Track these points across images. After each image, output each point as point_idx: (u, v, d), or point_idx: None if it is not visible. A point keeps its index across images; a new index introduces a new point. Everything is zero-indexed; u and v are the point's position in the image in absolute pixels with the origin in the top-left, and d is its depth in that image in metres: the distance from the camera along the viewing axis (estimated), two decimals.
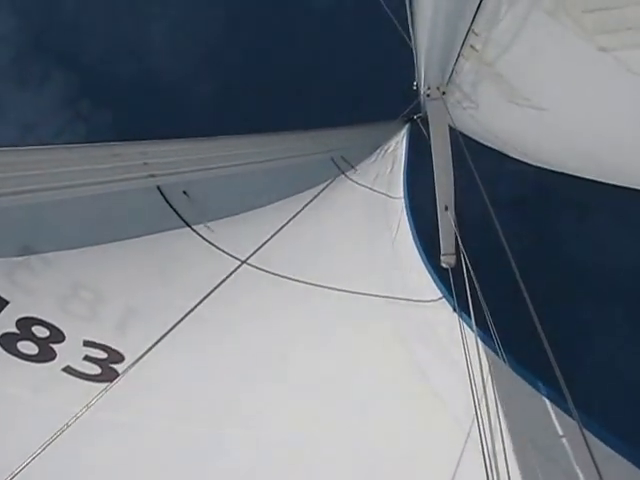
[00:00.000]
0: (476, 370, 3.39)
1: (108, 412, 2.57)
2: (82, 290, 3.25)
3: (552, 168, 4.88)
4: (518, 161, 5.58)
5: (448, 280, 5.23)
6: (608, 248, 10.88)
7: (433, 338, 4.67)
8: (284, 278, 4.61)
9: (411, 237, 6.83)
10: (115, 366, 2.92)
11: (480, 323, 3.88)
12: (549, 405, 3.62)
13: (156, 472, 2.74)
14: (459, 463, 3.06)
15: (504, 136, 5.24)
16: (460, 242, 4.96)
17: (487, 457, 2.42)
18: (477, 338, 3.66)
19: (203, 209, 4.54)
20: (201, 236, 4.36)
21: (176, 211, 4.27)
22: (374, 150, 8.52)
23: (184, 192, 4.45)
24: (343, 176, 7.19)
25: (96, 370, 2.87)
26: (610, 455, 3.06)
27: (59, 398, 2.64)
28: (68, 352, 2.85)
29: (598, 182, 3.99)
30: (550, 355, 2.27)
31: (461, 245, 4.84)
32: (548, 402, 3.65)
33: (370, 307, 4.88)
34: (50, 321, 2.89)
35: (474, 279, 3.95)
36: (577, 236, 11.26)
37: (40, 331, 2.82)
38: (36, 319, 2.85)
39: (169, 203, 4.25)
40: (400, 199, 8.05)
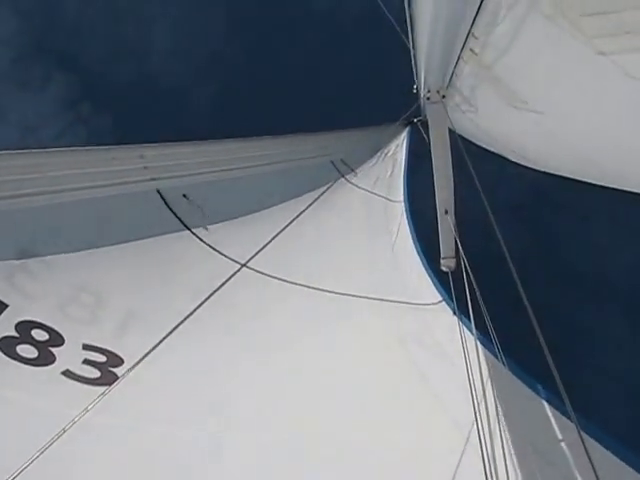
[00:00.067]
0: (476, 373, 3.39)
1: (107, 415, 2.56)
2: (82, 293, 3.25)
3: (551, 171, 4.88)
4: (518, 164, 5.58)
5: (448, 283, 5.23)
6: (608, 252, 10.88)
7: (433, 341, 4.67)
8: (283, 281, 4.61)
9: (411, 240, 6.83)
10: (114, 369, 2.92)
11: (480, 326, 3.89)
12: (548, 408, 3.62)
13: (156, 474, 2.74)
14: (458, 466, 3.06)
15: (503, 139, 5.24)
16: (460, 245, 4.95)
17: (486, 460, 2.42)
18: (477, 341, 3.66)
19: (203, 212, 4.54)
20: (201, 239, 4.36)
21: (176, 214, 4.27)
22: (374, 153, 8.50)
23: (184, 195, 4.45)
24: (343, 179, 7.18)
25: (95, 374, 2.87)
26: (609, 459, 3.06)
27: (58, 402, 2.64)
28: (67, 356, 2.85)
29: (597, 185, 4.00)
30: (549, 358, 2.27)
31: (461, 248, 4.84)
32: (547, 405, 3.65)
33: (370, 310, 4.88)
34: (49, 324, 2.89)
35: (474, 282, 3.95)
36: (577, 239, 11.26)
37: (39, 334, 2.82)
38: (35, 322, 2.84)
39: (169, 206, 4.25)
40: (400, 202, 8.06)
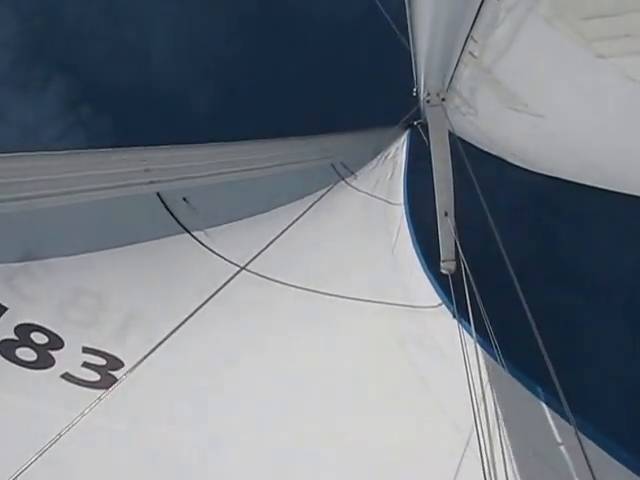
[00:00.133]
0: (475, 376, 3.38)
1: (107, 416, 2.56)
2: (81, 296, 3.25)
3: (551, 174, 4.88)
4: (518, 167, 5.58)
5: (448, 286, 5.22)
6: (608, 255, 10.88)
7: (432, 344, 4.66)
8: (283, 284, 4.61)
9: (411, 243, 6.82)
10: (114, 373, 2.92)
11: (479, 329, 3.88)
12: (547, 411, 3.62)
13: (156, 474, 2.74)
14: (458, 469, 3.05)
15: (503, 142, 5.23)
16: (460, 248, 4.95)
17: (486, 463, 2.42)
18: (476, 344, 3.66)
19: (203, 215, 4.54)
20: (200, 242, 4.36)
21: (176, 218, 4.27)
22: (374, 156, 8.51)
23: (184, 199, 4.45)
24: (343, 182, 7.18)
25: (95, 377, 2.87)
26: (607, 461, 3.06)
27: (58, 405, 2.63)
28: (67, 359, 2.84)
29: (597, 188, 3.99)
30: (548, 361, 2.27)
31: (461, 251, 4.83)
32: (546, 408, 3.64)
33: (370, 313, 4.88)
34: (49, 328, 2.88)
35: (474, 285, 3.95)
36: (576, 242, 11.27)
37: (39, 338, 2.81)
38: (35, 325, 2.84)
39: (169, 210, 4.25)
40: (400, 205, 8.05)
